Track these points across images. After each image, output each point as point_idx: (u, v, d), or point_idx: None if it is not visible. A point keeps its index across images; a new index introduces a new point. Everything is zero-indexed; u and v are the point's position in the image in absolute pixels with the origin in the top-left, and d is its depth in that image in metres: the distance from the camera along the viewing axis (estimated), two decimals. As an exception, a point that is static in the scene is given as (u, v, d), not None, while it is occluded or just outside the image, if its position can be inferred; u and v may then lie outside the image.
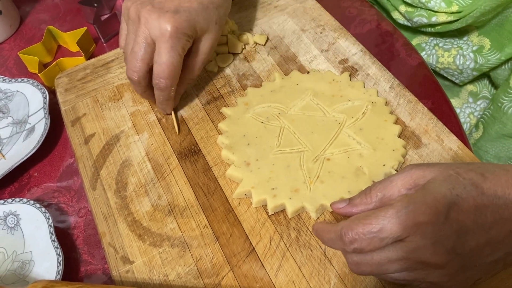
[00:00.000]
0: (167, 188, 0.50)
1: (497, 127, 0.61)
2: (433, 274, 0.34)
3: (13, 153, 0.56)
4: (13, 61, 0.70)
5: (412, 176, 0.36)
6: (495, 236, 0.33)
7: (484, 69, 0.64)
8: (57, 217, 0.52)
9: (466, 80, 0.68)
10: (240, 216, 0.47)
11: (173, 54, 0.47)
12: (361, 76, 0.57)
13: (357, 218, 0.35)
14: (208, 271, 0.44)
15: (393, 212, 0.33)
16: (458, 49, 0.65)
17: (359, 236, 0.34)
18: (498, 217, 0.33)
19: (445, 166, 0.35)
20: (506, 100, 0.60)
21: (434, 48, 0.69)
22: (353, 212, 0.38)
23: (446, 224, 0.32)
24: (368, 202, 0.37)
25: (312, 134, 0.51)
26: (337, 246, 0.36)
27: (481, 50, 0.63)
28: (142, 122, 0.55)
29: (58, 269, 0.45)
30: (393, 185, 0.36)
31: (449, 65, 0.66)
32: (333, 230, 0.36)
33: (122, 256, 0.45)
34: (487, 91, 0.69)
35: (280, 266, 0.43)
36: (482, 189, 0.33)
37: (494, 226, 0.33)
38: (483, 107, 0.68)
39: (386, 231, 0.33)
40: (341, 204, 0.40)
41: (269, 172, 0.48)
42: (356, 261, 0.36)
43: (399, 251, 0.33)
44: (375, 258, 0.34)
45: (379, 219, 0.33)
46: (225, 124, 0.53)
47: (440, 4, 0.62)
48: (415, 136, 0.51)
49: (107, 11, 0.74)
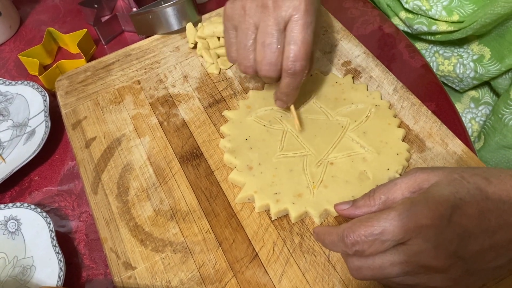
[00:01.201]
0: (169, 192, 0.49)
1: (497, 138, 0.60)
2: (435, 279, 0.33)
3: (14, 157, 0.56)
4: (13, 63, 0.69)
5: (416, 180, 0.35)
6: (499, 241, 0.33)
7: (484, 78, 0.64)
8: (58, 221, 0.52)
9: (466, 88, 0.68)
10: (243, 221, 0.46)
11: (309, 32, 0.44)
12: (364, 78, 0.57)
13: (359, 221, 0.34)
14: (211, 277, 0.43)
15: (395, 215, 0.33)
16: (458, 58, 0.65)
17: (360, 238, 0.33)
18: (503, 222, 0.33)
19: (450, 170, 0.35)
20: (506, 112, 0.59)
21: (434, 55, 0.68)
22: (356, 214, 0.38)
23: (449, 227, 0.32)
24: (371, 204, 0.37)
25: (315, 137, 0.50)
26: (339, 248, 0.36)
27: (481, 59, 0.63)
28: (143, 126, 0.55)
29: (59, 274, 0.45)
30: (397, 188, 0.36)
31: (449, 73, 0.66)
32: (334, 232, 0.36)
33: (124, 262, 0.45)
34: (489, 97, 0.68)
35: (284, 272, 0.43)
36: (487, 194, 0.33)
37: (498, 231, 0.33)
38: (485, 113, 0.68)
39: (388, 234, 0.33)
40: (345, 205, 0.39)
41: (272, 176, 0.48)
42: (357, 266, 0.35)
43: (401, 254, 0.33)
44: (377, 261, 0.34)
45: (381, 221, 0.33)
46: (227, 128, 0.52)
47: (441, 13, 0.62)
48: (419, 139, 0.50)
49: (108, 13, 0.73)
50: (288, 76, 0.46)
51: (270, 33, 0.44)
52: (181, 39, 0.64)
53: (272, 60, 0.45)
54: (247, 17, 0.45)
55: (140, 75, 0.60)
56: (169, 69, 0.60)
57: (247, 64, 0.47)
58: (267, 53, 0.45)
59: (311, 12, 0.44)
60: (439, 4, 0.62)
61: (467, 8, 0.61)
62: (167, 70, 0.60)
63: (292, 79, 0.46)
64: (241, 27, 0.46)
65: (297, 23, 0.43)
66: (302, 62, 0.44)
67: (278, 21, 0.44)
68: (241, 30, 0.46)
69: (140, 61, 0.62)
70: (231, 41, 0.48)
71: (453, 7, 0.61)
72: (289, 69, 0.45)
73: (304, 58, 0.44)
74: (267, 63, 0.45)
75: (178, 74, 0.60)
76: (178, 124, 0.55)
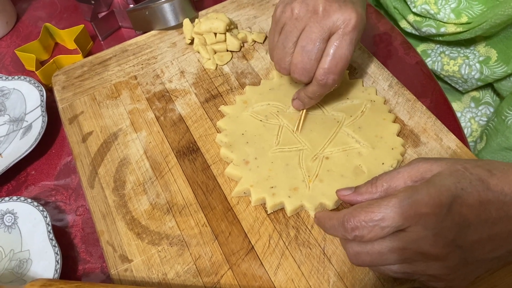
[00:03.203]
0: (166, 186, 0.49)
1: (499, 140, 0.61)
2: (433, 267, 0.34)
3: (10, 151, 0.56)
4: (9, 58, 0.69)
5: (419, 169, 0.36)
6: (498, 232, 0.33)
7: (489, 80, 0.64)
8: (54, 215, 0.52)
9: (469, 88, 0.68)
10: (239, 214, 0.47)
11: (351, 48, 0.44)
12: (360, 74, 0.57)
13: (360, 206, 0.35)
14: (207, 270, 0.43)
15: (396, 202, 0.33)
16: (464, 58, 0.65)
17: (360, 224, 0.34)
18: (503, 214, 0.33)
19: (453, 161, 0.35)
20: (510, 114, 0.60)
21: (440, 56, 0.68)
22: (358, 200, 0.38)
23: (448, 216, 0.32)
24: (373, 191, 0.37)
25: (311, 132, 0.51)
26: (338, 233, 0.36)
27: (487, 61, 0.63)
28: (140, 120, 0.55)
29: (56, 267, 0.45)
30: (399, 177, 0.37)
31: (454, 73, 0.66)
32: (335, 217, 0.36)
33: (120, 255, 0.45)
34: (490, 97, 0.68)
35: (279, 264, 0.43)
36: (489, 185, 0.34)
37: (498, 223, 0.33)
38: (485, 113, 0.68)
39: (388, 220, 0.33)
40: (347, 191, 0.40)
41: (268, 170, 0.48)
42: (356, 251, 0.35)
43: (400, 240, 0.33)
44: (376, 247, 0.34)
45: (381, 207, 0.33)
46: (224, 122, 0.52)
47: (449, 16, 0.61)
48: (414, 134, 0.51)
49: (105, 9, 0.73)
50: (318, 85, 0.46)
51: (312, 39, 0.44)
52: (178, 35, 0.64)
53: (307, 67, 0.45)
54: (294, 20, 0.45)
55: (137, 71, 0.60)
56: (166, 64, 0.61)
57: (283, 65, 0.47)
58: (304, 58, 0.45)
59: (359, 29, 0.44)
60: (447, 7, 0.62)
61: (476, 9, 0.61)
62: (164, 65, 0.61)
63: (320, 88, 0.46)
64: (286, 28, 0.46)
65: (342, 37, 0.44)
66: (335, 76, 0.45)
67: (323, 30, 0.44)
68: (285, 31, 0.46)
69: (137, 57, 0.62)
70: (274, 44, 0.48)
71: (462, 8, 0.61)
72: (321, 80, 0.45)
73: (338, 73, 0.45)
74: (302, 68, 0.45)
75: (175, 69, 0.60)
76: (175, 119, 0.55)
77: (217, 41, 0.60)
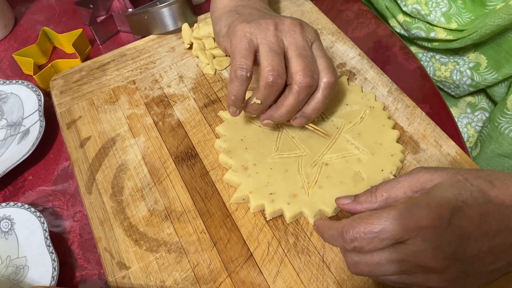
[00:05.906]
0: (164, 192, 0.49)
1: (493, 146, 0.61)
2: (432, 279, 0.33)
3: (7, 156, 0.56)
4: (7, 62, 0.69)
5: (419, 179, 0.36)
6: (498, 245, 0.33)
7: (480, 86, 0.64)
8: (52, 221, 0.52)
9: (462, 94, 0.68)
10: (237, 221, 0.46)
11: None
12: (359, 80, 0.57)
13: (360, 217, 0.34)
14: (206, 277, 0.43)
15: (396, 214, 0.33)
16: (454, 64, 0.65)
17: (360, 235, 0.34)
18: (504, 226, 0.33)
19: (454, 171, 0.35)
20: (503, 120, 0.60)
21: (431, 60, 0.68)
22: (357, 209, 0.38)
23: (449, 229, 0.32)
24: (373, 201, 0.37)
25: (310, 138, 0.50)
26: (337, 243, 0.36)
27: (477, 67, 0.63)
28: (138, 125, 0.55)
29: (53, 274, 0.45)
30: (399, 187, 0.36)
31: (446, 79, 0.66)
32: (334, 227, 0.36)
33: (118, 262, 0.45)
34: (486, 103, 0.68)
35: (278, 272, 0.43)
36: (489, 197, 0.33)
37: (498, 235, 0.33)
38: (481, 118, 0.68)
39: (387, 232, 0.33)
40: (346, 200, 0.39)
41: (267, 176, 0.48)
42: (355, 261, 0.35)
43: (399, 253, 0.33)
44: (374, 258, 0.34)
45: (381, 219, 0.33)
46: (223, 128, 0.52)
47: (440, 19, 0.62)
48: (413, 141, 0.51)
49: (103, 13, 0.73)
50: (325, 89, 0.45)
51: (304, 47, 0.45)
52: (176, 39, 0.64)
53: (313, 68, 0.45)
54: (277, 32, 0.45)
55: (135, 75, 0.60)
56: (165, 69, 0.60)
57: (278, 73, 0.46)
58: (307, 63, 0.44)
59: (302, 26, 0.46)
60: (438, 10, 0.62)
61: (465, 17, 0.61)
62: (163, 70, 0.60)
63: (328, 91, 0.46)
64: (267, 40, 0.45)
65: (321, 43, 0.46)
66: (335, 75, 0.46)
67: (307, 40, 0.45)
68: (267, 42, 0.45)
69: (135, 61, 0.62)
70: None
71: (452, 14, 0.61)
72: (330, 78, 0.45)
73: (335, 71, 0.46)
74: (309, 70, 0.44)
75: (174, 74, 0.60)
76: (173, 124, 0.55)
77: (216, 46, 0.60)
